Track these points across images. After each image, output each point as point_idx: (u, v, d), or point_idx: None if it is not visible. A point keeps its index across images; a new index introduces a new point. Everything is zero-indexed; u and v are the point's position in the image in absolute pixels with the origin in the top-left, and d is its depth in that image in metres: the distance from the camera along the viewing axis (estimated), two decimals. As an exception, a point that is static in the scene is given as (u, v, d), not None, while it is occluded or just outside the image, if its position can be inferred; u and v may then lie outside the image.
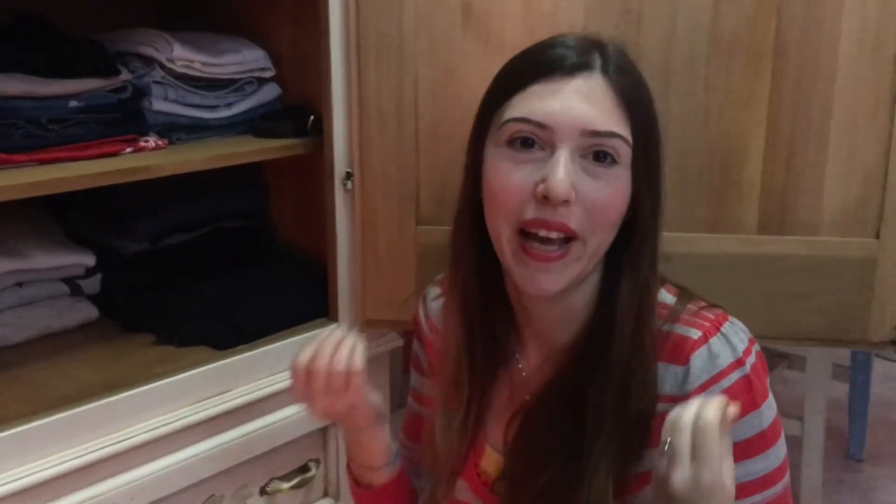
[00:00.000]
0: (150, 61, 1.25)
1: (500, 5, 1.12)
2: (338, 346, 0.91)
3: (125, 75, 1.21)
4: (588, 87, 0.80)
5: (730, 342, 0.82)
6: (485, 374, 0.92)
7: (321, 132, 1.25)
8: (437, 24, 1.14)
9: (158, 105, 1.24)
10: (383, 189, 1.21)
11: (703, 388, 0.80)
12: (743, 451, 0.80)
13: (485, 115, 0.85)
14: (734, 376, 0.81)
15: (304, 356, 0.90)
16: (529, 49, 0.85)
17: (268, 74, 1.37)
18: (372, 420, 0.97)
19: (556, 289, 0.81)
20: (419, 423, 1.04)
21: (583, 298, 0.86)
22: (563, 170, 0.77)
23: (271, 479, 1.25)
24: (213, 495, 1.18)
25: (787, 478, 0.84)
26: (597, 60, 0.81)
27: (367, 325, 1.29)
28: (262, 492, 1.25)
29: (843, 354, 2.35)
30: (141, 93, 1.24)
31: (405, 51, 1.15)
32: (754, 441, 0.81)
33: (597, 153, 0.79)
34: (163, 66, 1.24)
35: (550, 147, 0.79)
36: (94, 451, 1.05)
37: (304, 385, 0.91)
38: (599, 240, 0.81)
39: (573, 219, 0.78)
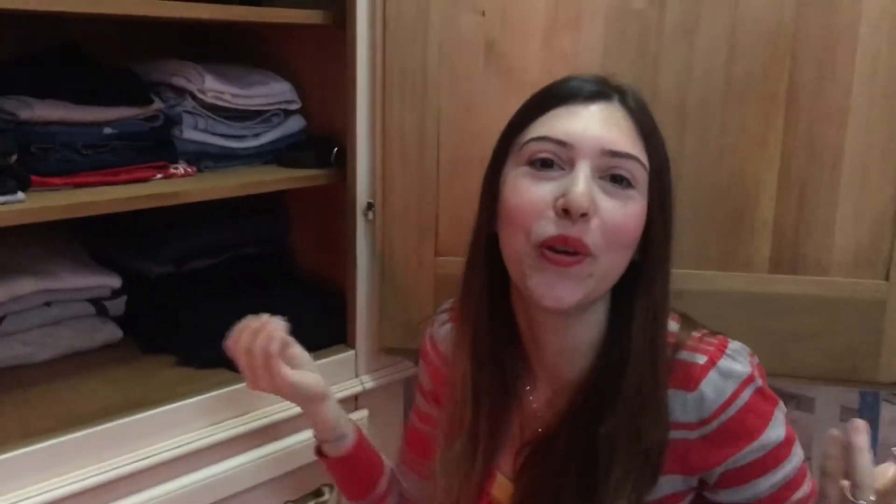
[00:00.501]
0: (181, 92, 1.28)
1: (521, 45, 1.15)
2: (257, 330, 1.00)
3: (158, 104, 1.24)
4: (608, 111, 0.83)
5: (738, 361, 0.84)
6: (493, 405, 0.93)
7: (344, 163, 1.28)
8: (459, 62, 1.17)
9: (188, 134, 1.27)
10: (403, 220, 1.23)
11: (722, 410, 0.82)
12: (776, 457, 0.83)
13: (504, 142, 0.88)
14: (748, 392, 0.83)
15: (232, 336, 1.01)
16: (547, 85, 0.88)
17: (294, 107, 1.40)
18: (306, 399, 1.04)
19: (571, 300, 0.80)
20: (418, 436, 1.10)
21: (592, 329, 0.88)
22: (583, 183, 0.79)
23: (285, 503, 1.27)
24: (228, 517, 1.20)
25: (809, 474, 0.86)
26: (614, 93, 0.85)
27: (384, 352, 1.31)
28: (276, 515, 1.26)
29: (852, 397, 2.33)
30: (172, 122, 1.27)
31: (428, 87, 1.18)
32: (784, 443, 0.83)
33: (614, 176, 0.81)
34: (194, 97, 1.27)
35: (570, 165, 0.81)
36: (114, 469, 1.06)
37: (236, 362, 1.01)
38: (611, 261, 0.81)
39: (589, 234, 0.79)
